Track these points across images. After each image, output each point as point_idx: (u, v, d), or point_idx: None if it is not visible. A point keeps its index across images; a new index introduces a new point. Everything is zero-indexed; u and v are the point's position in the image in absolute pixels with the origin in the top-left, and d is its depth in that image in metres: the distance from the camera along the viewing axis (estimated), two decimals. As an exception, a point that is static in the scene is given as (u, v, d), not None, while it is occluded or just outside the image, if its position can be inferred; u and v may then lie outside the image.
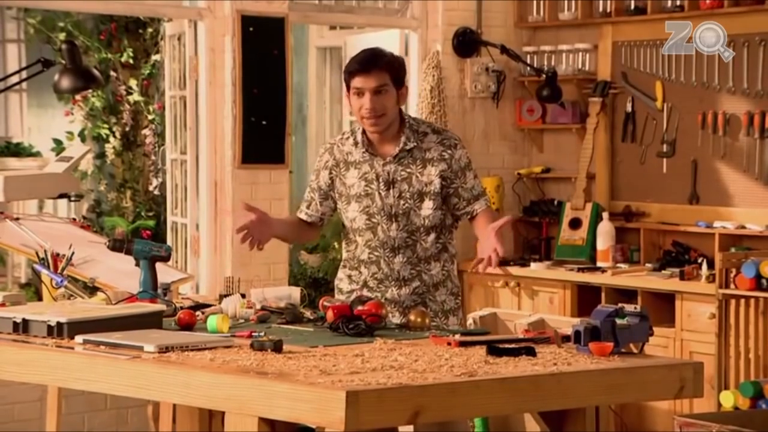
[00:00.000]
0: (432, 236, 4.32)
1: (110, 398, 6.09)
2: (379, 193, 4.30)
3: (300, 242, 4.66)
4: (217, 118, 6.45)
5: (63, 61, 4.85)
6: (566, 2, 7.13)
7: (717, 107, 6.50)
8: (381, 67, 4.23)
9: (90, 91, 8.32)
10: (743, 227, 6.31)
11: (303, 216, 4.47)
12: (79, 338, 3.59)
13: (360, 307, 3.98)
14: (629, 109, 6.88)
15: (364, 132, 4.34)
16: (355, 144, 4.35)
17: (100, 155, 8.87)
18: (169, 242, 6.75)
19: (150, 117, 8.78)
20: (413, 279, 4.32)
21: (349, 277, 4.42)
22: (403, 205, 4.29)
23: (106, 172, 8.90)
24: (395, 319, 4.25)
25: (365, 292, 4.33)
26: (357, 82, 4.23)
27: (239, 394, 3.15)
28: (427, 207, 4.30)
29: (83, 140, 8.84)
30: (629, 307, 3.66)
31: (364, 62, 4.25)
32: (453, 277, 4.42)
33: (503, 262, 6.80)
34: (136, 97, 8.73)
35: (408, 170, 4.30)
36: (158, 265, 4.32)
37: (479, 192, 4.39)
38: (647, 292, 6.25)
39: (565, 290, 6.61)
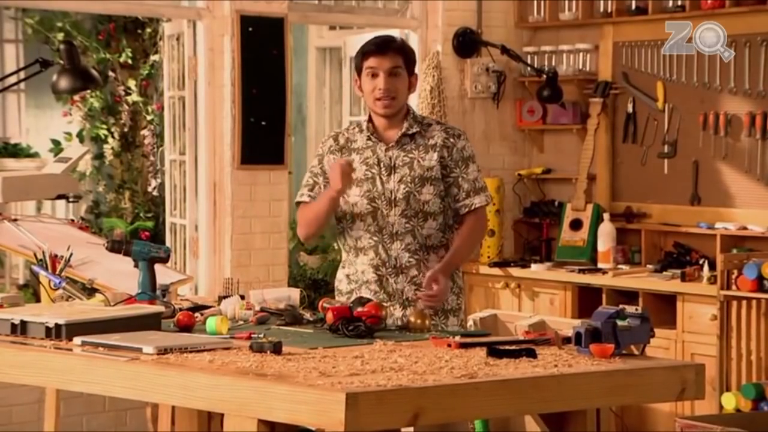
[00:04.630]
0: (431, 223, 4.32)
1: (109, 400, 6.08)
2: (381, 178, 4.31)
3: (321, 230, 4.53)
4: (216, 119, 6.43)
5: (61, 62, 4.83)
6: (567, 2, 7.11)
7: (718, 108, 6.48)
8: (395, 50, 4.30)
9: (88, 91, 8.30)
10: (745, 228, 6.29)
11: (306, 199, 4.39)
12: (77, 340, 3.58)
13: (360, 309, 3.97)
14: (630, 109, 6.86)
15: (369, 120, 4.37)
16: (360, 131, 4.38)
17: (99, 156, 8.85)
18: (168, 243, 6.74)
19: (149, 117, 8.76)
20: (411, 267, 4.31)
21: (348, 276, 4.40)
22: (404, 189, 4.30)
23: (105, 173, 8.88)
24: (397, 312, 4.23)
25: (364, 289, 4.30)
26: (372, 62, 4.28)
27: (238, 396, 3.13)
28: (428, 192, 4.31)
29: (81, 141, 8.82)
30: (630, 309, 3.65)
31: (380, 44, 4.32)
32: (456, 277, 4.39)
33: (505, 263, 6.86)
34: (134, 97, 8.71)
35: (410, 155, 4.32)
36: (157, 267, 4.31)
37: (481, 186, 4.39)
38: (648, 294, 6.24)
39: (566, 291, 6.59)
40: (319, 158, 4.43)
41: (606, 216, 6.75)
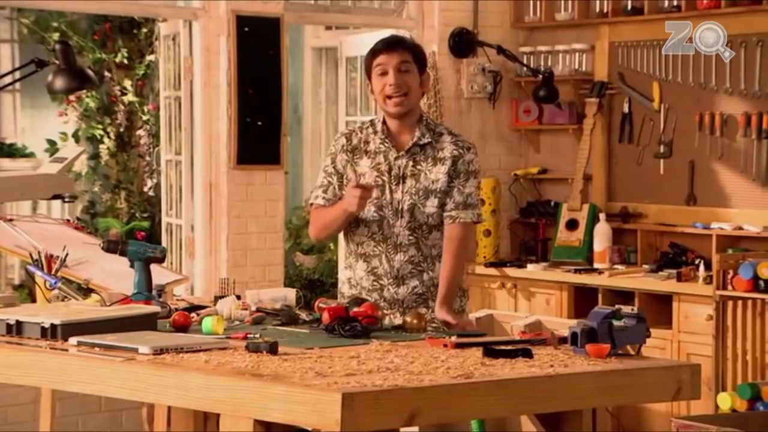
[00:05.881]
0: (436, 234, 4.28)
1: (104, 400, 6.07)
2: (390, 187, 4.26)
3: (333, 236, 4.48)
4: (212, 119, 6.43)
5: (57, 62, 4.82)
6: (563, 2, 7.11)
7: (714, 108, 6.48)
8: (404, 47, 4.28)
9: (84, 91, 8.29)
10: (740, 228, 6.29)
11: (321, 201, 4.33)
12: (73, 340, 3.57)
13: (356, 309, 3.96)
14: (626, 109, 6.86)
15: (384, 122, 4.31)
16: (374, 132, 4.31)
17: (95, 156, 8.85)
18: (163, 243, 6.73)
19: (144, 117, 8.76)
20: (412, 278, 4.27)
21: (349, 280, 4.36)
22: (409, 201, 4.25)
23: (101, 173, 8.89)
24: (397, 320, 4.20)
25: (365, 295, 4.28)
26: (380, 59, 4.25)
27: (234, 396, 3.12)
28: (432, 205, 4.25)
29: (77, 141, 8.82)
30: (626, 309, 3.65)
31: (387, 41, 4.31)
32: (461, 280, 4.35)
33: (501, 263, 6.86)
34: (130, 97, 8.72)
35: (418, 167, 4.27)
36: (153, 267, 4.29)
37: (473, 203, 4.29)
38: (644, 294, 6.23)
39: (562, 292, 6.59)
40: (332, 157, 4.36)
41: (602, 216, 6.75)
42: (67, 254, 4.38)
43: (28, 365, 3.55)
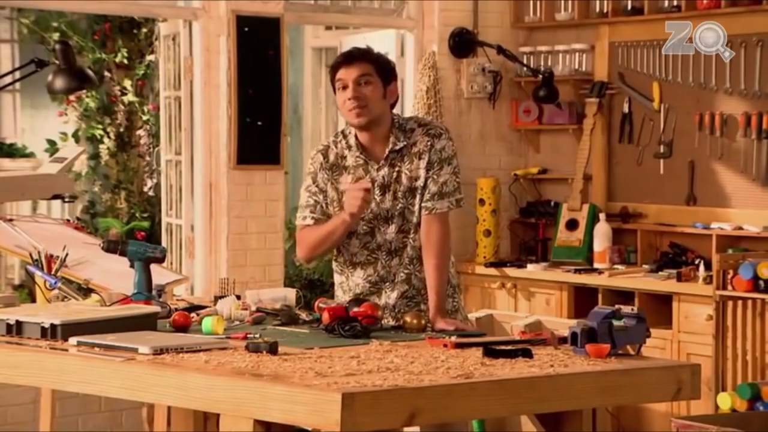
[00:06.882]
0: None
1: (104, 400, 6.07)
2: (375, 199, 4.20)
3: (327, 253, 4.36)
4: (212, 119, 6.43)
5: (57, 62, 4.82)
6: (563, 2, 7.11)
7: (714, 108, 6.48)
8: (364, 59, 4.18)
9: (84, 91, 8.29)
10: (740, 228, 6.29)
11: (310, 222, 4.25)
12: (73, 340, 3.58)
13: (355, 309, 3.96)
14: (626, 109, 6.86)
15: (356, 135, 4.25)
16: (348, 147, 4.25)
17: (94, 156, 8.84)
18: (163, 243, 6.73)
19: (144, 117, 8.75)
20: (402, 282, 4.24)
21: (341, 285, 4.32)
22: (398, 205, 4.21)
23: (101, 173, 8.88)
24: (390, 323, 4.18)
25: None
26: (340, 73, 4.16)
27: (234, 396, 3.13)
28: (418, 203, 4.20)
29: (77, 141, 8.81)
30: (626, 309, 3.65)
31: (347, 54, 4.21)
32: (449, 277, 4.33)
33: (501, 263, 6.86)
34: (130, 97, 8.71)
35: (398, 170, 4.21)
36: (153, 267, 4.30)
37: (448, 191, 4.21)
38: (644, 294, 6.23)
39: (562, 292, 6.59)
40: (312, 176, 4.28)
41: (602, 216, 6.75)
42: (67, 254, 4.38)
43: (28, 365, 3.56)
